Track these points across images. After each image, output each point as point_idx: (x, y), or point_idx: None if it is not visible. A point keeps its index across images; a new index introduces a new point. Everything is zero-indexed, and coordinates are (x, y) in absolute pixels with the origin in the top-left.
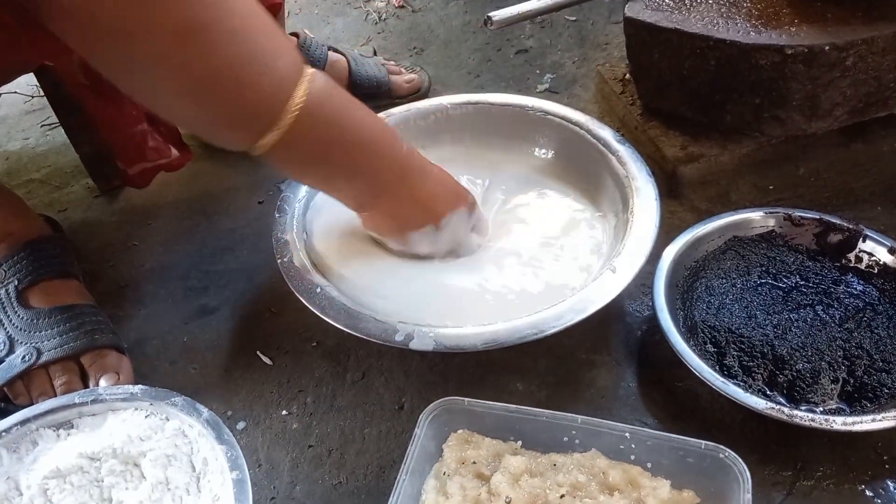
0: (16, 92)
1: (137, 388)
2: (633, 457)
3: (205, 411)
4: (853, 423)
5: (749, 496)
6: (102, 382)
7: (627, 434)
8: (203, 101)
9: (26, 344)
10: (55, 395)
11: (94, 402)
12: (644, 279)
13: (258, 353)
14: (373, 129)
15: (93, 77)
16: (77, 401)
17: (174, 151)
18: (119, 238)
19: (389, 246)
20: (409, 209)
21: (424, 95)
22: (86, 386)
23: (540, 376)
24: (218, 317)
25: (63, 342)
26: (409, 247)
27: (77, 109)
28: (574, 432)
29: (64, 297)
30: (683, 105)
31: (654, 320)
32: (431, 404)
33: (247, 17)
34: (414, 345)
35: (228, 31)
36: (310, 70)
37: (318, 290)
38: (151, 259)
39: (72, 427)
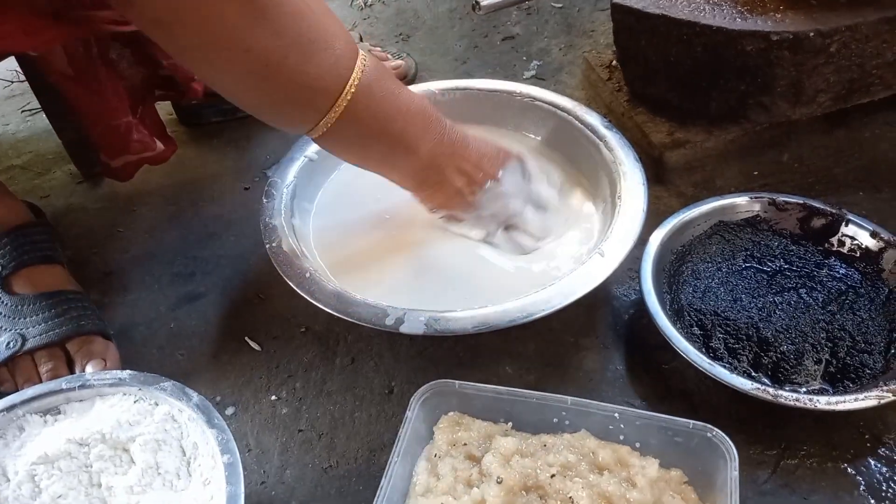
0: None
1: (126, 374)
2: (622, 437)
3: (194, 395)
4: (836, 403)
5: (736, 474)
6: (89, 368)
7: (616, 414)
8: (268, 82)
9: (11, 330)
10: (41, 382)
11: (81, 387)
12: (631, 263)
13: (246, 338)
14: (419, 103)
15: (78, 68)
16: (64, 386)
17: (159, 144)
18: (103, 224)
19: (463, 223)
20: (467, 172)
21: (411, 82)
22: (72, 372)
23: (529, 360)
24: (205, 303)
25: (48, 328)
26: (481, 209)
27: (60, 98)
28: (564, 413)
29: (48, 284)
30: (670, 91)
31: (641, 304)
32: (422, 387)
33: (298, 3)
34: (404, 328)
35: (290, 13)
36: (362, 50)
37: (307, 274)
38: (136, 245)
39: (59, 413)
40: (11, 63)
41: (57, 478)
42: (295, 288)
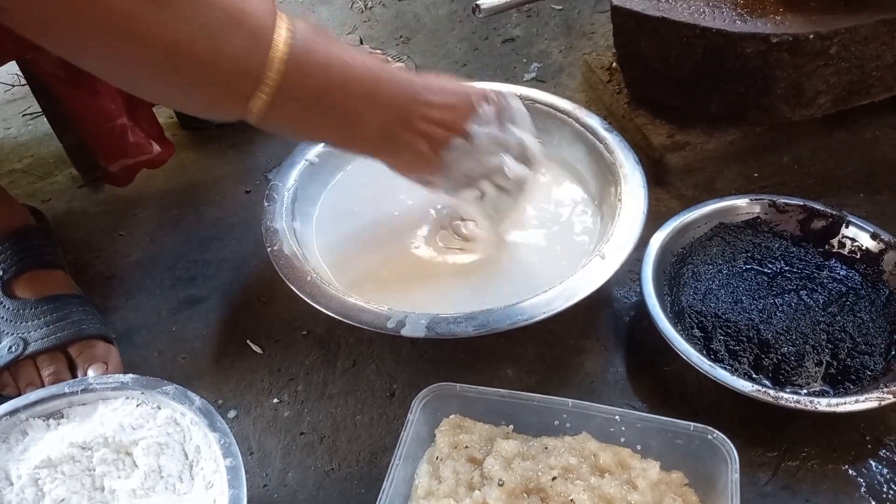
0: None
1: (128, 377)
2: (623, 439)
3: (197, 399)
4: (837, 405)
5: (737, 476)
6: (91, 372)
7: (617, 417)
8: (178, 73)
9: (13, 335)
10: (43, 386)
11: (84, 391)
12: (632, 266)
13: (248, 342)
14: (364, 69)
15: (71, 71)
16: (67, 390)
17: (156, 147)
18: (104, 228)
19: (438, 187)
20: (428, 133)
21: None
22: (74, 376)
23: (529, 362)
24: (206, 306)
25: (50, 332)
26: (451, 171)
27: (57, 102)
28: (565, 416)
29: (50, 288)
30: (670, 93)
31: (641, 306)
32: (424, 390)
33: None
34: (406, 331)
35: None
36: (286, 17)
37: (309, 278)
38: (138, 249)
39: (62, 417)
40: (13, 67)
41: (60, 481)
42: (296, 291)
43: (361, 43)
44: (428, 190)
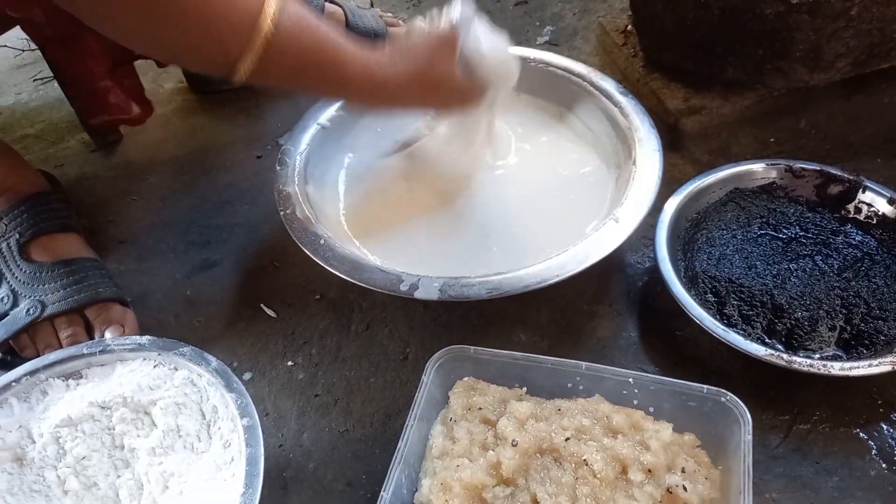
0: (6, 45)
1: (145, 339)
2: (635, 401)
3: (213, 360)
4: (850, 369)
5: (749, 438)
6: (108, 334)
7: (631, 379)
8: (176, 25)
9: (30, 297)
10: (61, 348)
11: (102, 352)
12: (645, 231)
13: (262, 305)
14: (336, 40)
15: (59, 29)
16: (86, 351)
17: (135, 108)
18: (117, 193)
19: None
20: (439, 63)
21: None
22: (91, 338)
23: (542, 326)
24: (220, 270)
25: (67, 295)
26: (473, 78)
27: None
28: (578, 378)
29: (66, 251)
30: (686, 57)
31: (655, 271)
32: (438, 352)
33: None
34: (419, 294)
35: None
36: None
37: (322, 241)
38: (151, 214)
39: (81, 377)
40: (21, 32)
41: (81, 440)
42: (310, 254)
43: (372, 5)
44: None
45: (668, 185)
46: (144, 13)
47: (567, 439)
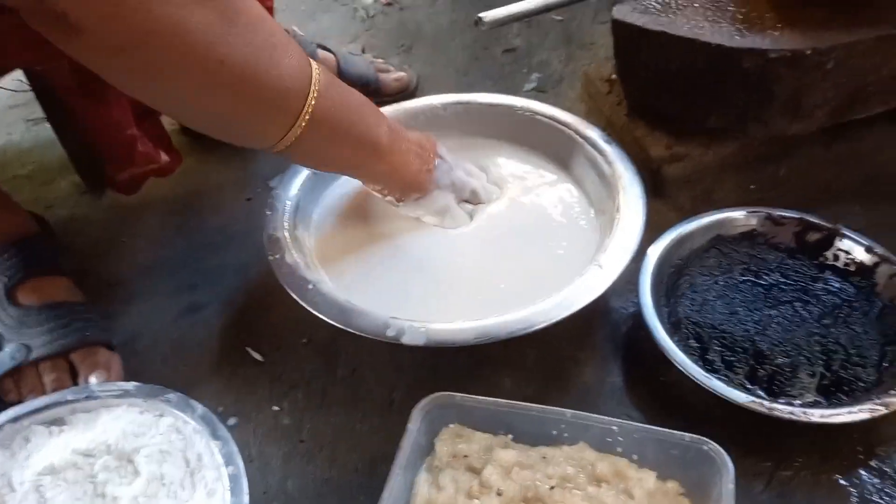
0: (1, 87)
1: (131, 385)
2: (620, 449)
3: (199, 407)
4: (830, 416)
5: (731, 486)
6: (93, 379)
7: (615, 427)
8: (242, 93)
9: (16, 341)
10: (45, 393)
11: (87, 398)
12: (630, 276)
13: (249, 349)
14: (364, 98)
15: (82, 81)
16: (70, 397)
17: (164, 156)
18: (107, 235)
19: (431, 210)
20: (418, 154)
21: (412, 94)
22: (76, 383)
23: (528, 372)
24: (208, 313)
25: (52, 339)
26: (438, 184)
27: (65, 111)
28: (563, 426)
29: (53, 295)
30: (669, 106)
31: (639, 317)
32: (424, 399)
33: (257, 8)
34: (406, 339)
35: (254, 19)
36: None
37: (310, 286)
38: (140, 256)
39: (64, 424)
40: (17, 72)
41: (62, 488)
42: (297, 299)
43: (364, 52)
44: (414, 213)
45: (652, 231)
46: (218, 84)
47: (552, 488)
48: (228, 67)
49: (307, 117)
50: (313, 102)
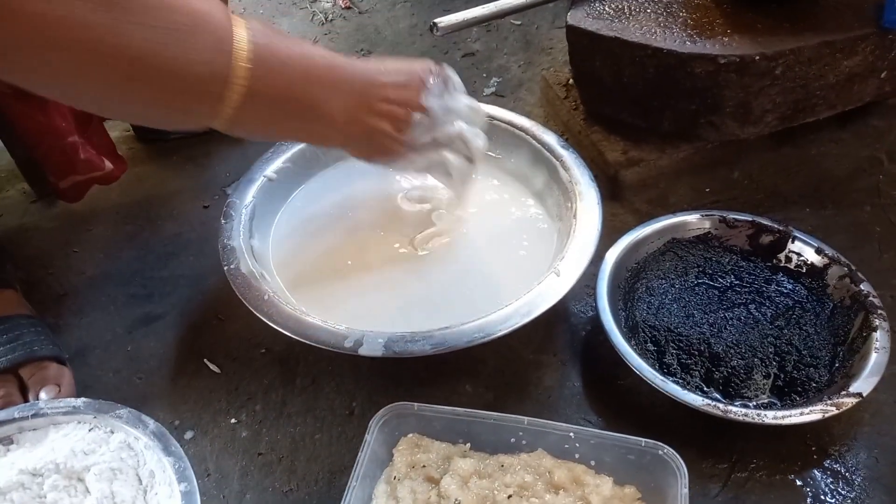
0: None
1: (80, 401)
2: (577, 455)
3: (151, 423)
4: (783, 417)
5: (686, 490)
6: (43, 395)
7: (572, 434)
8: (150, 83)
9: None
10: None
11: (34, 416)
12: (588, 280)
13: (205, 360)
14: (321, 59)
15: (19, 88)
16: (17, 415)
17: (108, 164)
18: (57, 244)
19: (400, 167)
20: (389, 113)
21: None
22: (25, 399)
23: (488, 378)
24: (163, 324)
25: (0, 354)
26: (416, 146)
27: (6, 118)
28: (521, 433)
29: (1, 309)
30: (624, 111)
31: (597, 321)
32: (381, 410)
33: None
34: (363, 350)
35: (150, 7)
36: (241, 18)
37: (266, 296)
38: (92, 266)
39: (11, 443)
40: None
41: None
42: (253, 311)
43: None
44: (397, 173)
45: (610, 235)
46: (105, 75)
47: (510, 496)
48: (126, 57)
49: (235, 97)
50: (241, 82)
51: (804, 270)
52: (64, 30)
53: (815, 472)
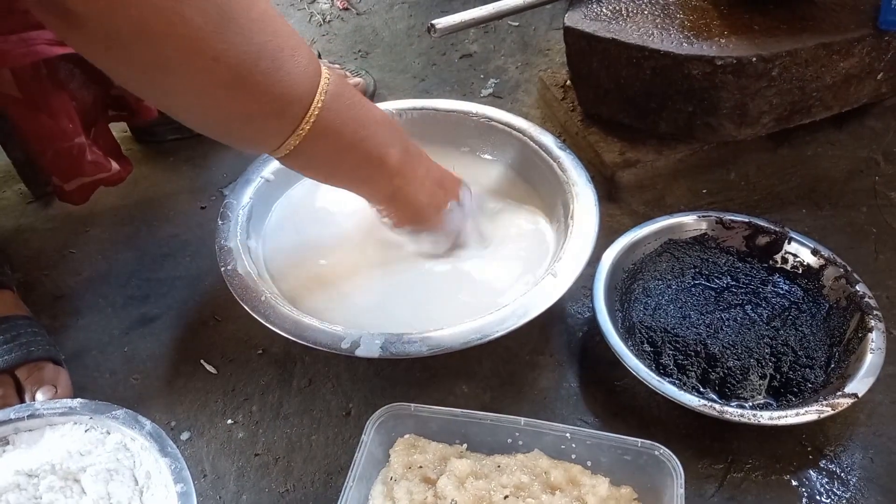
0: None
1: (76, 402)
2: (573, 456)
3: (147, 424)
4: (779, 418)
5: (682, 491)
6: (39, 396)
7: (568, 434)
8: (239, 93)
9: None
10: None
11: (30, 417)
12: (585, 282)
13: (202, 361)
14: (382, 112)
15: (26, 90)
16: (13, 416)
17: (114, 165)
18: (55, 246)
19: (422, 239)
20: (432, 189)
21: (370, 99)
22: (22, 400)
23: (485, 378)
24: (160, 325)
25: None
26: (444, 227)
27: (8, 120)
28: (517, 434)
29: None
30: (621, 112)
31: (594, 322)
32: (378, 410)
33: (262, 4)
34: (360, 352)
35: (258, 17)
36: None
37: (263, 298)
38: (89, 267)
39: (7, 443)
40: None
41: None
42: (250, 312)
43: (320, 56)
44: (407, 239)
45: (607, 236)
46: (213, 83)
47: (506, 497)
48: (224, 66)
49: (307, 126)
50: (316, 112)
51: (800, 271)
52: (170, 25)
53: (811, 472)
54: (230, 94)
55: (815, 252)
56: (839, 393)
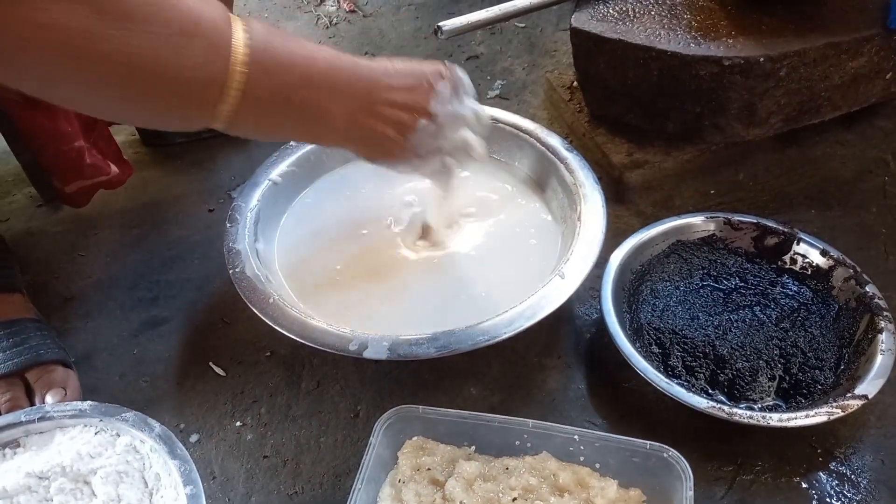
0: None
1: (86, 405)
2: (582, 458)
3: (157, 426)
4: (788, 420)
5: (691, 494)
6: (49, 399)
7: (576, 436)
8: (144, 87)
9: None
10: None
11: (41, 419)
12: (592, 283)
13: (210, 363)
14: (323, 61)
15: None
16: (23, 419)
17: (113, 168)
18: (64, 249)
19: (401, 170)
20: (395, 118)
21: None
22: (31, 403)
23: (493, 380)
24: (168, 328)
25: (6, 358)
26: (419, 152)
27: (12, 122)
28: (525, 436)
29: (7, 312)
30: (628, 113)
31: (601, 323)
32: (386, 413)
33: None
34: (368, 354)
35: (142, 13)
36: (241, 19)
37: (271, 300)
38: (98, 270)
39: (18, 446)
40: None
41: None
42: (258, 314)
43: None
44: (395, 172)
45: (614, 237)
46: (97, 80)
47: (514, 499)
48: (115, 63)
49: (232, 101)
50: (237, 86)
51: (809, 272)
52: (51, 34)
53: (821, 474)
54: (134, 88)
55: (824, 253)
56: (849, 395)
